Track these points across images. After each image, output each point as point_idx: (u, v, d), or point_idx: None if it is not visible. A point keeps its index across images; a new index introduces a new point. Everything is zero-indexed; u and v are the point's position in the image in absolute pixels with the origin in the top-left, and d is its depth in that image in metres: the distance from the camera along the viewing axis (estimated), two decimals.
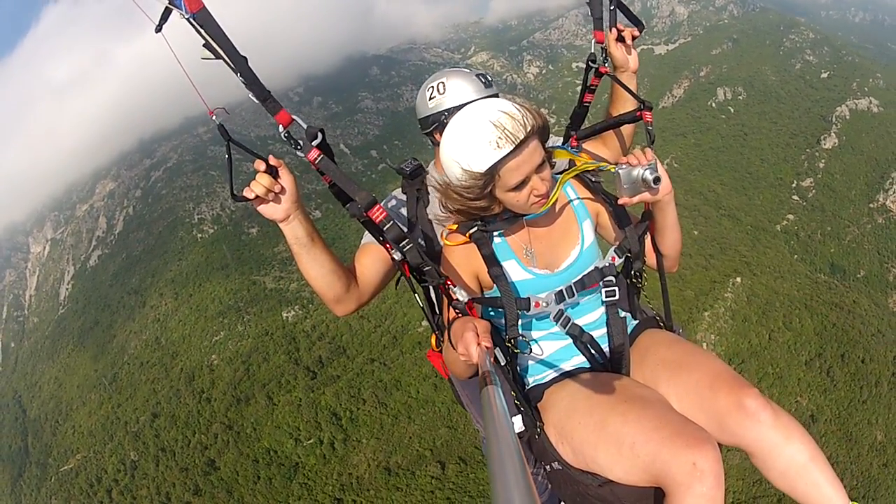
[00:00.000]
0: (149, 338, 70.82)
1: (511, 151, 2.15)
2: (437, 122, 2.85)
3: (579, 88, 3.13)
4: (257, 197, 2.25)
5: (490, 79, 2.95)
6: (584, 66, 3.12)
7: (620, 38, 3.04)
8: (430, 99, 2.86)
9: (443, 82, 2.85)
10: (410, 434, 50.81)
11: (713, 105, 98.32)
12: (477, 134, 2.16)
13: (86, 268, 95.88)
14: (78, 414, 67.36)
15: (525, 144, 2.17)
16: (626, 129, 3.10)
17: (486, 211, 2.39)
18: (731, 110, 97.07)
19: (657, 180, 2.30)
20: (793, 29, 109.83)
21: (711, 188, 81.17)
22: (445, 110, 2.80)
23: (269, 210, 2.31)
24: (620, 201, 2.39)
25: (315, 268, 2.48)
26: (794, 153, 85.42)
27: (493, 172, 2.19)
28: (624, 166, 2.32)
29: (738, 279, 62.34)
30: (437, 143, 2.85)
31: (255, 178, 2.23)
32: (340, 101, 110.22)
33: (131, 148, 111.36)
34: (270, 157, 2.26)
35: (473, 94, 2.78)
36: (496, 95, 2.81)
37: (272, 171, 2.26)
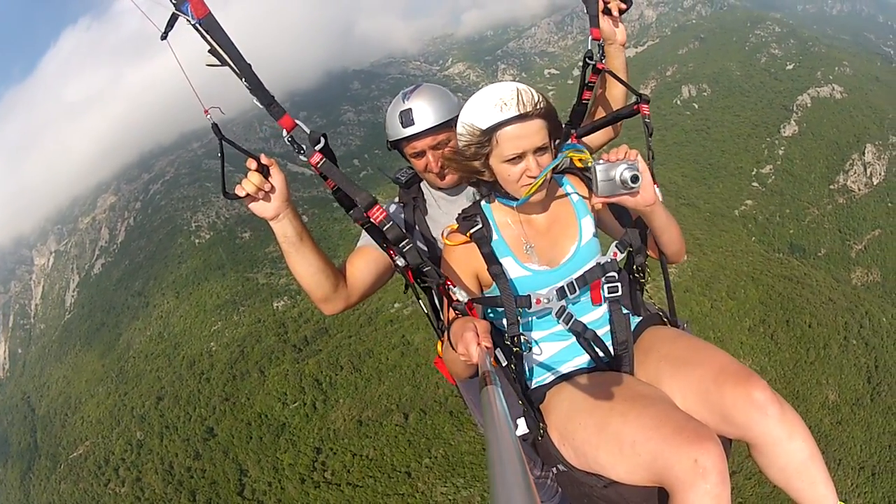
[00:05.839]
0: (153, 333, 74.99)
1: (513, 117, 2.19)
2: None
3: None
4: (248, 195, 2.22)
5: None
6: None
7: (607, 11, 3.01)
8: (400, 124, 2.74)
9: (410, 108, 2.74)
10: (380, 393, 54.65)
11: (678, 102, 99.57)
12: (488, 96, 2.25)
13: (90, 276, 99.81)
14: (86, 406, 70.98)
15: (529, 118, 2.21)
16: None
17: (479, 174, 2.39)
18: (696, 106, 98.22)
19: (635, 179, 2.20)
20: (759, 24, 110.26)
21: (672, 180, 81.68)
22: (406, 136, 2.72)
23: (259, 208, 2.26)
24: (593, 200, 2.37)
25: (304, 266, 2.42)
26: (754, 143, 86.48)
27: (491, 133, 2.23)
28: (601, 162, 2.23)
29: (685, 257, 63.76)
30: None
31: (246, 177, 2.19)
32: (324, 114, 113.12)
33: (132, 161, 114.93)
34: (262, 155, 2.23)
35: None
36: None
37: (263, 170, 2.22)
